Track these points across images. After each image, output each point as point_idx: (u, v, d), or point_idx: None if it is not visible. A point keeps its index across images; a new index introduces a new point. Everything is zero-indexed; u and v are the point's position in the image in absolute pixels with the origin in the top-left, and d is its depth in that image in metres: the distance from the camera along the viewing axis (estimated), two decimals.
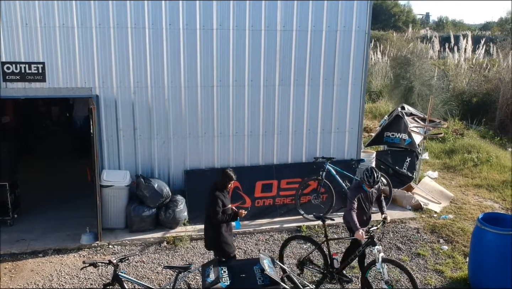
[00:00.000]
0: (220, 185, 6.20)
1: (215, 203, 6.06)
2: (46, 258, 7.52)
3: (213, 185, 6.25)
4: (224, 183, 6.19)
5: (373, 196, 6.59)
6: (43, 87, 7.97)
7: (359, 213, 6.46)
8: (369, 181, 6.28)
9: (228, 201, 6.29)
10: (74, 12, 7.88)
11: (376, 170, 6.38)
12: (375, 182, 6.29)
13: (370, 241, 6.18)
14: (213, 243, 6.28)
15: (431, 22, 65.57)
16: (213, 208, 6.05)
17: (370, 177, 6.28)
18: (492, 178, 11.41)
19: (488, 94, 17.75)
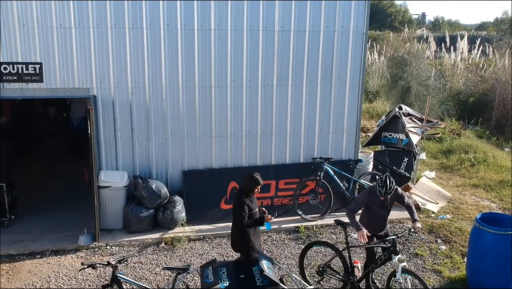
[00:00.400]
0: (246, 189, 6.09)
1: (241, 207, 5.97)
2: (44, 259, 7.49)
3: (240, 189, 6.21)
4: (250, 187, 6.07)
5: (391, 202, 6.37)
6: (41, 87, 7.94)
7: (371, 218, 6.37)
8: (380, 191, 6.09)
9: (255, 205, 6.17)
10: (72, 12, 7.86)
11: (391, 179, 6.15)
12: (387, 192, 6.08)
13: (392, 250, 5.99)
14: (239, 247, 6.20)
15: (427, 22, 65.74)
16: (239, 213, 5.96)
17: (382, 187, 6.07)
18: (489, 178, 11.44)
19: (485, 94, 17.80)
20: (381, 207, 6.32)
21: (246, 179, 6.11)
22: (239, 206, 5.99)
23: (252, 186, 6.06)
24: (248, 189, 6.07)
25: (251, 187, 6.06)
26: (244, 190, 6.11)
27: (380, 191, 6.08)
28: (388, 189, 6.07)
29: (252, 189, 6.07)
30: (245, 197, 6.04)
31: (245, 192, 6.08)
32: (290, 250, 7.94)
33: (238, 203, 6.02)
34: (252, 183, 6.05)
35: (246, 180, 6.11)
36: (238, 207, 6.01)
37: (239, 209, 5.98)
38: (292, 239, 8.33)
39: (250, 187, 6.06)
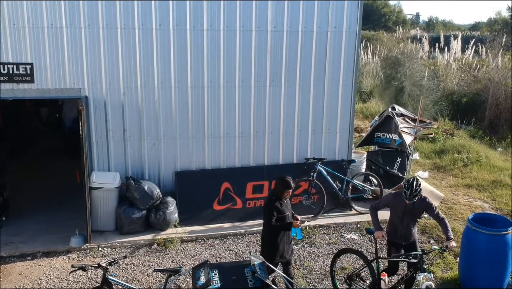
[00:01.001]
0: (277, 192, 6.02)
1: (269, 209, 5.93)
2: (35, 261, 7.44)
3: (271, 192, 6.13)
4: (281, 191, 5.98)
5: (418, 210, 6.04)
6: (32, 88, 7.88)
7: (394, 223, 6.14)
8: (405, 192, 5.80)
9: (287, 209, 6.07)
10: (63, 12, 7.80)
11: (418, 182, 5.85)
12: (411, 195, 5.75)
13: (418, 267, 5.67)
14: (264, 248, 6.19)
15: (421, 22, 65.94)
16: (267, 215, 5.94)
17: (408, 188, 5.78)
18: (482, 178, 11.47)
19: (478, 94, 17.85)
20: (406, 213, 6.00)
21: (277, 182, 6.03)
22: (268, 208, 5.96)
23: (282, 189, 5.96)
24: (279, 192, 5.99)
25: (282, 190, 5.96)
26: (275, 192, 6.03)
27: (405, 192, 5.79)
28: (414, 191, 5.75)
29: (282, 192, 5.97)
30: (275, 200, 5.98)
31: (275, 195, 6.01)
32: None
33: (267, 205, 5.99)
34: (283, 186, 5.95)
35: (277, 183, 6.03)
36: (267, 209, 5.98)
37: (267, 211, 5.95)
38: None
39: (280, 190, 5.97)
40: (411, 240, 6.14)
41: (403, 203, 5.92)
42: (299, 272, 7.26)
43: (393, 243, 6.20)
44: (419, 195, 5.83)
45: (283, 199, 6.04)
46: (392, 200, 6.16)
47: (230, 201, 8.91)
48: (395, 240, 6.16)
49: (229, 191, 8.94)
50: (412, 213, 6.01)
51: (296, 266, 7.44)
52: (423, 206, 6.04)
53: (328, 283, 6.99)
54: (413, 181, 5.83)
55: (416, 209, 6.03)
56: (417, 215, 6.11)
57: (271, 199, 6.03)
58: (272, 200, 6.00)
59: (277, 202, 5.97)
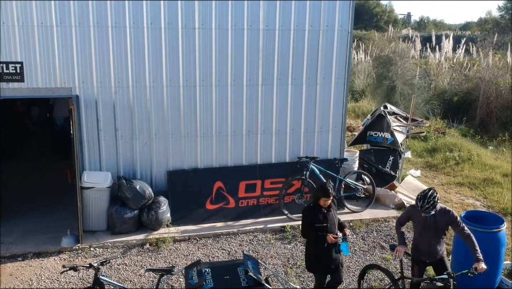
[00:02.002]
0: (314, 198, 5.77)
1: (303, 216, 5.79)
2: (26, 261, 7.36)
3: (312, 201, 5.88)
4: (317, 198, 5.70)
5: (440, 225, 5.50)
6: (22, 87, 7.80)
7: (417, 238, 5.72)
8: (417, 203, 5.37)
9: (327, 218, 5.69)
10: (53, 11, 7.73)
11: (434, 194, 5.35)
12: (423, 207, 5.30)
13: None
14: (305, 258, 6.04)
15: (412, 22, 66.27)
16: (302, 225, 5.81)
17: (420, 199, 5.34)
18: (474, 176, 11.53)
19: (469, 93, 17.97)
20: (426, 227, 5.52)
21: (316, 188, 5.85)
22: (303, 213, 5.81)
23: (318, 196, 5.68)
24: (315, 199, 5.73)
25: (318, 198, 5.68)
26: (314, 199, 5.79)
27: (417, 204, 5.36)
28: (425, 203, 5.27)
29: (318, 200, 5.68)
30: (312, 206, 5.76)
31: (313, 201, 5.79)
32: (276, 249, 7.91)
33: (304, 210, 5.83)
34: (319, 193, 5.68)
35: (315, 189, 5.88)
36: (302, 214, 5.83)
37: (302, 216, 5.80)
38: (278, 239, 8.29)
39: (316, 197, 5.71)
40: (437, 257, 5.64)
41: (420, 216, 5.49)
42: (292, 271, 7.24)
43: (416, 260, 5.79)
44: (432, 207, 5.31)
45: (322, 208, 5.70)
46: (411, 212, 5.72)
47: (222, 200, 8.88)
48: (417, 257, 5.73)
49: (222, 190, 8.91)
50: (434, 227, 5.50)
51: (289, 265, 7.44)
52: (446, 220, 5.48)
53: None
54: (427, 191, 5.37)
55: (439, 223, 5.49)
56: (441, 230, 5.54)
57: (309, 205, 5.84)
58: (309, 206, 5.80)
59: (314, 209, 5.71)
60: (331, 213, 5.77)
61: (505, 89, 16.69)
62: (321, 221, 5.66)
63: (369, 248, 8.04)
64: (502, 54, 22.16)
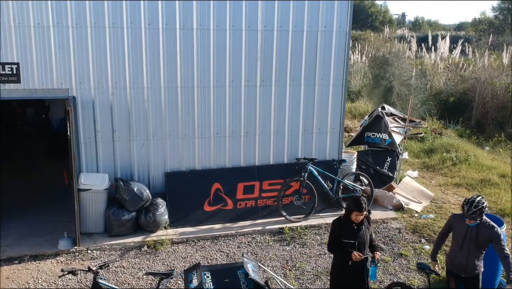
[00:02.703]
0: (346, 212, 5.38)
1: (331, 228, 5.46)
2: (22, 264, 7.29)
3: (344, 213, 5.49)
4: (348, 211, 5.32)
5: (480, 238, 5.22)
6: (18, 88, 7.73)
7: (454, 249, 5.45)
8: (464, 207, 5.13)
9: (355, 234, 5.29)
10: (50, 11, 7.66)
11: (482, 201, 5.12)
12: (470, 211, 5.05)
13: None
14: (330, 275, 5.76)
15: (407, 22, 66.44)
16: (329, 234, 5.50)
17: (467, 203, 5.11)
18: (471, 177, 11.54)
19: (465, 93, 18.01)
20: (467, 239, 5.26)
21: (351, 203, 5.34)
22: (332, 227, 5.46)
23: (349, 209, 5.30)
24: (346, 212, 5.36)
25: (349, 211, 5.30)
26: (350, 215, 5.32)
27: (463, 208, 5.13)
28: (473, 207, 5.05)
29: (349, 213, 5.29)
30: (342, 219, 5.39)
31: (345, 214, 5.40)
32: (275, 251, 7.87)
33: (333, 224, 5.46)
34: (351, 206, 5.29)
35: (348, 201, 5.53)
36: (331, 228, 5.49)
37: (331, 230, 5.48)
38: (277, 241, 8.26)
39: (347, 210, 5.34)
40: (473, 273, 5.36)
41: (464, 226, 5.25)
42: (291, 273, 7.21)
43: (451, 273, 5.54)
44: (479, 213, 5.09)
45: (353, 223, 5.29)
46: (453, 221, 5.48)
47: (220, 201, 8.83)
48: (453, 269, 5.49)
49: (220, 191, 8.87)
50: (475, 240, 5.24)
51: (288, 267, 7.40)
52: (489, 234, 5.21)
53: (321, 284, 6.96)
54: (475, 197, 5.17)
55: (481, 236, 5.23)
56: (482, 244, 5.29)
57: (339, 220, 5.42)
58: (340, 220, 5.40)
59: (344, 222, 5.33)
60: (362, 231, 5.35)
61: (501, 90, 16.73)
62: (349, 237, 5.27)
63: None
64: (498, 54, 22.23)
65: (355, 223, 5.28)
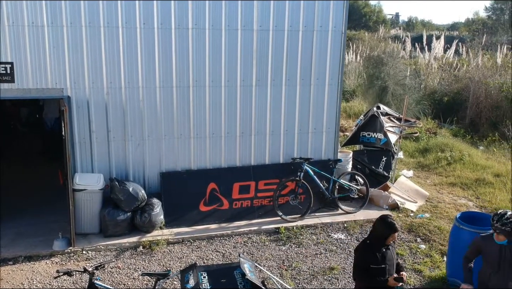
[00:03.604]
0: (375, 235, 4.82)
1: (358, 255, 4.88)
2: (17, 265, 7.23)
3: (369, 234, 5.00)
4: (384, 235, 4.77)
5: None
6: (12, 88, 7.67)
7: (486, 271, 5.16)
8: (493, 222, 4.85)
9: (385, 258, 4.79)
10: (44, 11, 7.61)
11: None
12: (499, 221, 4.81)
13: None
14: None
15: (400, 22, 66.68)
16: (355, 261, 4.95)
17: (497, 214, 4.87)
18: (466, 176, 11.58)
19: (459, 93, 18.07)
20: (502, 260, 4.92)
21: (378, 223, 4.84)
22: (359, 255, 4.91)
23: (387, 233, 4.76)
24: (381, 236, 4.79)
25: (386, 235, 4.76)
26: (374, 236, 4.85)
27: (493, 223, 4.85)
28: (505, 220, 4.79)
29: (386, 238, 4.77)
30: (369, 243, 4.87)
31: (374, 239, 4.83)
32: (271, 251, 7.86)
33: (359, 250, 4.93)
34: (384, 229, 4.76)
35: (378, 225, 4.83)
36: (357, 255, 4.94)
37: (357, 259, 4.90)
38: (273, 241, 8.25)
39: (383, 234, 4.76)
40: None
41: (496, 246, 4.96)
42: (288, 272, 7.21)
43: None
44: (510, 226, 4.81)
45: (382, 246, 4.81)
46: (480, 243, 5.18)
47: (216, 201, 8.81)
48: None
49: (216, 191, 8.85)
50: (510, 259, 4.94)
51: (284, 266, 7.40)
52: None
53: (317, 284, 6.95)
54: (506, 211, 4.92)
55: None
56: None
57: (365, 244, 4.90)
58: (365, 243, 4.90)
59: (371, 247, 4.82)
60: (390, 252, 4.90)
61: (495, 90, 16.80)
62: (379, 262, 4.75)
63: None
64: (491, 54, 22.34)
65: (386, 245, 4.83)
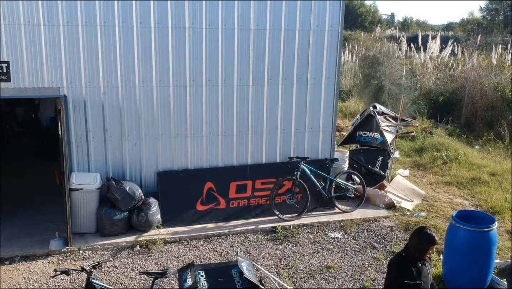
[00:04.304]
0: (415, 249, 4.54)
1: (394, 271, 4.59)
2: (13, 265, 7.20)
3: (405, 249, 4.69)
4: (424, 248, 4.52)
5: None
6: (8, 87, 7.63)
7: None
8: None
9: (418, 273, 4.52)
10: (41, 9, 7.58)
11: None
12: None
13: None
14: None
15: (396, 22, 66.90)
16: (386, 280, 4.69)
17: None
18: (461, 175, 11.63)
19: (454, 93, 18.15)
20: None
21: (416, 235, 4.57)
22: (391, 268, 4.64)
23: (426, 246, 4.51)
24: (420, 249, 4.53)
25: (422, 248, 4.52)
26: (411, 250, 4.57)
27: None
28: None
29: (422, 250, 4.52)
30: (404, 257, 4.59)
31: (412, 252, 4.56)
32: (268, 250, 7.87)
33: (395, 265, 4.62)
34: (424, 242, 4.51)
35: (415, 237, 4.57)
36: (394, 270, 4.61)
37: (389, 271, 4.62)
38: (270, 240, 8.25)
39: (423, 247, 4.51)
40: None
41: None
42: (285, 271, 7.22)
43: None
44: None
45: (418, 260, 4.56)
46: None
47: (213, 201, 8.81)
48: None
49: (212, 191, 8.85)
50: None
51: (281, 265, 7.41)
52: None
53: (314, 282, 6.97)
54: None
55: None
56: None
57: (400, 257, 4.63)
58: (401, 258, 4.60)
59: (406, 261, 4.54)
60: (426, 267, 4.64)
61: (490, 89, 16.88)
62: (415, 277, 4.48)
63: (360, 248, 8.04)
64: (486, 54, 22.43)
65: (422, 259, 4.59)
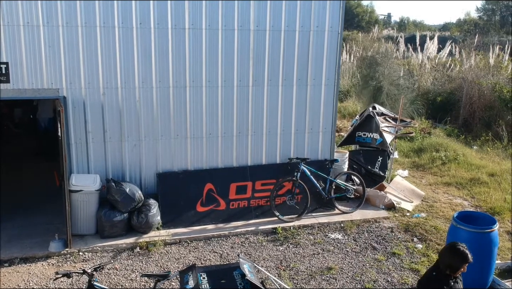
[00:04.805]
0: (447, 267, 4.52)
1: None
2: (12, 267, 7.16)
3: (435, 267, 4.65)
4: (456, 266, 4.50)
5: None
6: (7, 88, 7.59)
7: None
8: None
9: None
10: (40, 10, 7.54)
11: None
12: None
13: None
14: None
15: (392, 23, 67.02)
16: None
17: None
18: (460, 176, 11.64)
19: (452, 93, 18.17)
20: None
21: (448, 253, 4.56)
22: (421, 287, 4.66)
23: (455, 263, 4.50)
24: (448, 267, 4.52)
25: (454, 266, 4.51)
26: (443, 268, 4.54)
27: None
28: None
29: (455, 268, 4.50)
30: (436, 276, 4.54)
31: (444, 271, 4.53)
32: (268, 252, 7.85)
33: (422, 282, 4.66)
34: (456, 259, 4.50)
35: (446, 254, 4.57)
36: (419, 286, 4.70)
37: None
38: (270, 241, 8.24)
39: (451, 264, 4.51)
40: None
41: None
42: (286, 273, 7.20)
43: None
44: None
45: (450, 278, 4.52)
46: None
47: (213, 202, 8.79)
48: None
49: (212, 192, 8.83)
50: None
51: (282, 267, 7.39)
52: None
53: (315, 284, 6.95)
54: None
55: None
56: None
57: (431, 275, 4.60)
58: (432, 276, 4.56)
59: (440, 281, 4.51)
60: (458, 284, 4.61)
61: (487, 90, 16.91)
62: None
63: (361, 249, 8.04)
64: (483, 55, 22.47)
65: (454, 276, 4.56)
